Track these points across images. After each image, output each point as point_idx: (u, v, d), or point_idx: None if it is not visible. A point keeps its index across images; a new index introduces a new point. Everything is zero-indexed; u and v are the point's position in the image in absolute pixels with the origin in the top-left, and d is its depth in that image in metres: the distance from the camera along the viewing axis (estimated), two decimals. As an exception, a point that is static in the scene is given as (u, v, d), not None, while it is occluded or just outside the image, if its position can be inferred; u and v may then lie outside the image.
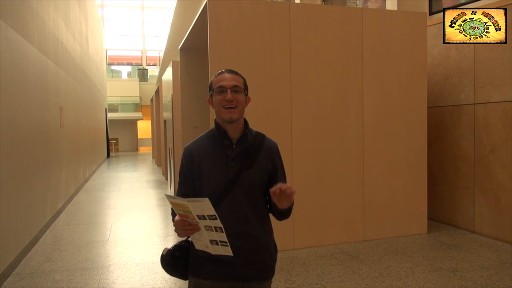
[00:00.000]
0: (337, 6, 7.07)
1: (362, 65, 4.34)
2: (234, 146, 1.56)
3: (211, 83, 1.61)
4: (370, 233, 4.42)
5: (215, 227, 1.34)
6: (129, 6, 29.32)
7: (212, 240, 1.40)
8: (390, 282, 3.29)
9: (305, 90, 4.18)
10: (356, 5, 7.70)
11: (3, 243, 3.57)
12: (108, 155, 19.05)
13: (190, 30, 4.83)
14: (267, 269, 1.64)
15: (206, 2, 3.85)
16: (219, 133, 1.58)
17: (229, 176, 1.53)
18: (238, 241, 1.50)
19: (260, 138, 1.63)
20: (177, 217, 1.42)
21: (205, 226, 1.36)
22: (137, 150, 24.94)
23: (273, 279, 3.49)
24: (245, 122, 1.62)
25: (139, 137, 26.04)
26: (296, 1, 8.23)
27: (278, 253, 4.00)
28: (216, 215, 1.30)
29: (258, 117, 3.95)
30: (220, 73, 1.59)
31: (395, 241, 4.37)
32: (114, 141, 23.28)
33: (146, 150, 24.35)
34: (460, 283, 3.23)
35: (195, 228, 1.39)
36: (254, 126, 1.64)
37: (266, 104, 4.05)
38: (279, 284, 3.28)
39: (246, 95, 1.59)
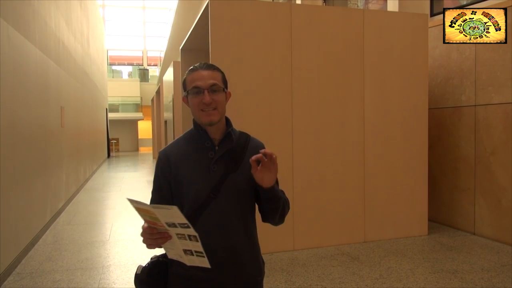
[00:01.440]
0: (338, 7, 7.07)
1: (363, 66, 4.34)
2: (217, 147, 1.39)
3: (184, 80, 1.41)
4: (371, 234, 4.42)
5: (189, 236, 1.17)
6: (130, 7, 29.36)
7: (186, 250, 1.23)
8: (391, 283, 3.29)
9: (306, 90, 4.17)
10: (357, 6, 7.70)
11: (3, 243, 3.57)
12: (109, 155, 19.06)
13: (191, 31, 4.83)
14: (256, 285, 1.45)
15: (208, 3, 3.85)
16: (198, 134, 1.40)
17: (212, 182, 1.35)
18: (225, 255, 1.34)
19: (245, 137, 1.44)
20: (144, 224, 1.24)
21: (177, 234, 1.19)
22: (137, 150, 24.95)
23: (274, 280, 3.48)
24: (227, 120, 1.45)
25: (139, 137, 26.06)
26: (297, 2, 8.24)
27: (278, 254, 3.99)
28: (188, 224, 1.14)
29: (259, 118, 3.95)
30: (194, 70, 1.39)
31: (396, 242, 4.36)
32: (115, 141, 23.30)
33: (146, 150, 24.36)
34: (460, 285, 3.22)
35: (166, 237, 1.22)
36: (255, 126, 1.59)
37: (267, 104, 4.05)
38: (280, 285, 3.28)
39: (226, 91, 1.40)
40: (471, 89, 4.59)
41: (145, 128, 26.15)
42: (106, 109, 18.32)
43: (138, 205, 1.15)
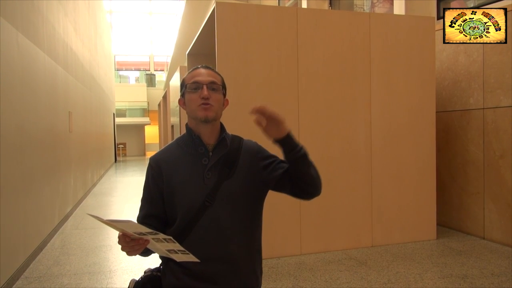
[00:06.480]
0: (345, 11, 7.07)
1: (370, 70, 4.33)
2: (210, 153, 1.35)
3: (183, 80, 1.38)
4: (379, 238, 4.38)
5: (164, 239, 1.14)
6: (137, 12, 29.61)
7: (169, 250, 1.21)
8: (399, 288, 3.25)
9: (313, 94, 4.17)
10: (364, 9, 7.70)
11: (12, 247, 3.60)
12: (115, 160, 19.16)
13: (198, 36, 4.86)
14: None
15: (214, 7, 3.87)
16: (191, 140, 1.35)
17: (207, 189, 1.30)
18: (221, 265, 1.30)
19: (238, 141, 1.41)
20: (119, 233, 1.22)
21: (153, 238, 1.16)
22: (144, 155, 25.05)
23: (281, 284, 3.46)
24: (222, 126, 1.41)
25: (146, 142, 26.18)
26: (303, 6, 8.25)
27: (285, 259, 3.98)
28: (155, 231, 1.12)
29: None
30: (194, 69, 1.37)
31: (404, 247, 4.32)
32: (122, 145, 23.43)
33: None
34: (470, 290, 3.19)
35: (142, 243, 1.18)
36: (261, 130, 1.56)
37: (274, 108, 4.04)
38: (287, 290, 3.26)
39: (225, 95, 1.38)
40: (479, 92, 4.56)
41: (152, 133, 26.27)
42: (114, 114, 18.45)
43: (100, 220, 1.12)
